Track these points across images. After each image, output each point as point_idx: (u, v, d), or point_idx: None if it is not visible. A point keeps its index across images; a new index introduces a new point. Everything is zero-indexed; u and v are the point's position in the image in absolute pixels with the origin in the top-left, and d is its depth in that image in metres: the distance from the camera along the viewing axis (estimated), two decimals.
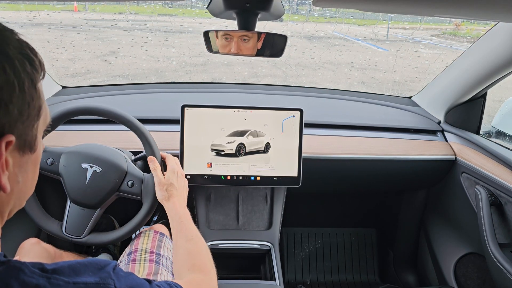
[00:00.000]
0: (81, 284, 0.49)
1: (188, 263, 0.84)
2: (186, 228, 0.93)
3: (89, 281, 0.49)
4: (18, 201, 0.54)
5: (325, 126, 1.53)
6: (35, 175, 0.56)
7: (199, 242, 0.91)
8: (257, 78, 5.68)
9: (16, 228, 1.36)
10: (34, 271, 0.46)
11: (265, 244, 1.38)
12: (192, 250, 0.88)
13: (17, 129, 0.47)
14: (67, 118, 1.08)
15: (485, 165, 1.34)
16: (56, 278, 0.47)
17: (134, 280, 0.56)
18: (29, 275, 0.46)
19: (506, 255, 1.19)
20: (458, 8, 0.64)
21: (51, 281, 0.47)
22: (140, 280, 0.58)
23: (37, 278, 0.46)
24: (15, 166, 0.49)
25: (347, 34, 7.95)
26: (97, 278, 0.51)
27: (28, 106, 0.48)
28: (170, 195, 1.02)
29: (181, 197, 1.03)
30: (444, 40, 8.43)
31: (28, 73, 0.47)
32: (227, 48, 0.98)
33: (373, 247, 2.03)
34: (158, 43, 6.62)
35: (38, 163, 0.56)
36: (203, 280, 0.80)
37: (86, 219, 1.09)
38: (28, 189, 0.55)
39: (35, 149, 0.52)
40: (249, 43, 0.97)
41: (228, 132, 1.28)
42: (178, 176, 1.07)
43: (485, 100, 1.50)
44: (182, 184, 1.07)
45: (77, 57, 5.54)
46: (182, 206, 1.01)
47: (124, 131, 1.17)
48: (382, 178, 1.54)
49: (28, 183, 0.54)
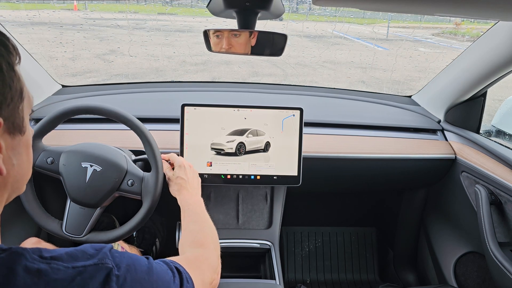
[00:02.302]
0: (80, 268, 0.50)
1: (188, 240, 0.87)
2: (193, 213, 0.97)
3: (87, 264, 0.51)
4: (16, 185, 0.55)
5: (325, 125, 1.53)
6: (29, 157, 0.57)
7: (203, 222, 0.93)
8: (257, 77, 5.68)
9: (16, 228, 1.36)
10: (35, 257, 0.48)
11: (265, 243, 1.38)
12: (194, 229, 0.90)
13: (3, 111, 0.48)
14: (67, 117, 1.08)
15: (485, 164, 1.34)
16: (56, 263, 0.49)
17: (130, 257, 0.57)
18: (30, 260, 0.47)
19: (506, 254, 1.19)
20: (458, 7, 0.64)
21: (51, 266, 0.48)
22: (137, 256, 0.59)
23: (38, 264, 0.47)
24: (8, 149, 0.51)
25: (347, 33, 7.95)
26: (95, 260, 0.52)
27: (10, 89, 0.49)
28: (180, 188, 1.05)
29: (191, 188, 1.07)
30: (444, 39, 8.42)
31: (4, 57, 0.49)
32: (219, 45, 0.99)
33: (373, 246, 2.03)
34: (158, 42, 6.62)
35: (30, 146, 0.57)
36: (201, 254, 0.81)
37: (86, 218, 1.08)
38: (25, 172, 0.56)
39: (24, 131, 0.54)
40: (241, 38, 0.97)
41: (228, 131, 1.28)
42: (186, 169, 1.10)
43: (485, 99, 1.50)
44: (192, 176, 1.11)
45: (77, 56, 5.54)
46: (192, 194, 1.05)
47: (124, 130, 1.17)
48: (382, 177, 1.54)
49: (24, 166, 0.55)
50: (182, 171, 1.09)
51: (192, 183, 1.09)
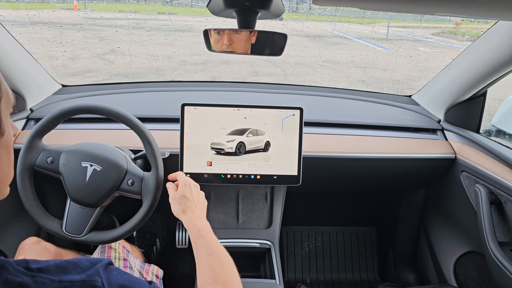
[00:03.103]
0: (66, 282, 0.47)
1: (210, 278, 0.79)
2: (206, 242, 0.88)
3: (75, 279, 0.48)
4: None
5: (325, 125, 1.53)
6: (9, 159, 0.53)
7: (221, 255, 0.86)
8: (257, 76, 5.68)
9: (16, 227, 1.36)
10: (18, 269, 0.46)
11: (265, 242, 1.38)
12: (214, 264, 0.82)
13: None
14: (67, 116, 1.08)
15: (485, 164, 1.34)
16: (41, 276, 0.46)
17: (130, 280, 0.54)
18: (13, 273, 0.45)
19: (506, 253, 1.19)
20: (458, 6, 0.64)
21: (35, 279, 0.46)
22: (138, 281, 0.55)
23: (21, 276, 0.45)
24: None
25: (347, 32, 7.95)
26: (84, 275, 0.49)
27: None
28: (185, 208, 0.97)
29: (197, 209, 0.98)
30: (444, 39, 8.42)
31: None
32: (220, 42, 0.98)
33: (373, 246, 2.03)
34: (158, 41, 6.62)
35: (10, 147, 0.53)
36: None
37: (86, 218, 1.09)
38: (6, 175, 0.53)
39: (3, 132, 0.50)
40: (241, 35, 0.96)
41: (228, 131, 1.28)
42: (191, 188, 1.02)
43: (485, 98, 1.50)
44: (197, 196, 1.02)
45: (77, 55, 5.54)
46: (199, 217, 0.96)
47: (124, 129, 1.17)
48: (382, 176, 1.55)
49: (4, 169, 0.52)
50: (188, 190, 1.00)
51: (197, 204, 1.00)
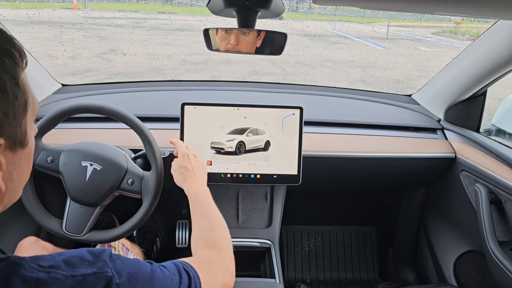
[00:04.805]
0: (79, 276, 0.49)
1: (201, 240, 0.83)
2: (201, 206, 0.93)
3: (86, 273, 0.49)
4: (13, 196, 0.53)
5: (325, 124, 1.53)
6: (29, 167, 0.54)
7: (214, 219, 0.89)
8: (257, 76, 5.68)
9: (15, 226, 1.36)
10: (33, 266, 0.47)
11: (265, 242, 1.38)
12: (206, 227, 0.86)
13: (4, 131, 0.46)
14: (67, 116, 1.08)
15: (485, 163, 1.34)
16: (55, 272, 0.47)
17: (132, 264, 0.55)
18: (29, 270, 0.46)
19: (506, 253, 1.19)
20: (458, 6, 0.64)
21: (50, 275, 0.47)
22: (139, 263, 0.57)
23: (37, 273, 0.46)
24: (9, 165, 0.48)
25: (347, 32, 7.95)
26: (95, 268, 0.51)
27: (13, 106, 0.46)
28: (185, 177, 1.01)
29: (197, 177, 1.02)
30: (444, 38, 8.42)
31: (8, 71, 0.45)
32: (226, 40, 0.98)
33: (373, 245, 2.03)
34: (158, 41, 6.61)
35: (31, 155, 0.54)
36: (214, 256, 0.78)
37: (86, 217, 1.09)
38: (23, 182, 0.54)
39: (27, 144, 0.51)
40: (249, 36, 0.97)
41: (228, 130, 1.28)
42: (189, 158, 1.05)
43: (485, 98, 1.50)
44: (196, 165, 1.06)
45: (77, 55, 5.54)
46: (198, 184, 1.00)
47: (124, 129, 1.17)
48: (382, 176, 1.55)
49: (23, 177, 0.53)
50: (186, 160, 1.04)
51: (197, 172, 1.04)
